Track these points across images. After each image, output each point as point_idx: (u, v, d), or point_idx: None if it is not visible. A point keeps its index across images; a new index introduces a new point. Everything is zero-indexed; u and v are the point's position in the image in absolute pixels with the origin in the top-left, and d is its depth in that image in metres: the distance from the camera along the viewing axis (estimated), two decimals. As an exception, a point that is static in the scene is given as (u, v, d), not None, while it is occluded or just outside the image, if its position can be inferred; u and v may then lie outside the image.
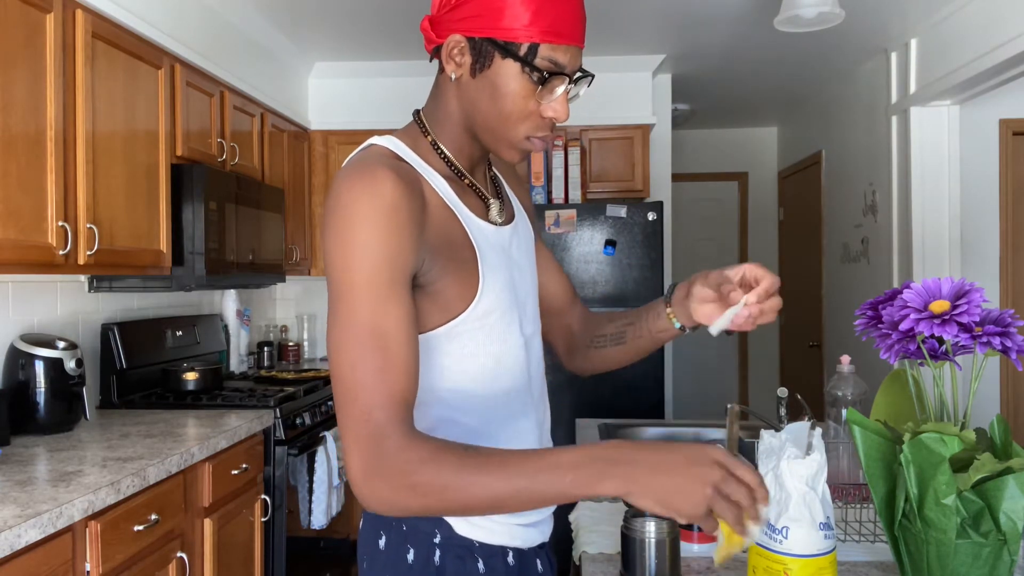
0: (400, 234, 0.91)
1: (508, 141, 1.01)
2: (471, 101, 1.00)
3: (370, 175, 0.92)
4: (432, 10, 1.00)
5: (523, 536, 1.11)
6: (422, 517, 1.04)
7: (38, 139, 2.05)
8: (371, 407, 0.87)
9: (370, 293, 0.90)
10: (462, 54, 0.98)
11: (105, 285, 2.79)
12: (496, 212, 1.09)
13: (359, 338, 0.89)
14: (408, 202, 0.93)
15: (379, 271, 0.90)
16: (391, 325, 0.90)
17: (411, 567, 1.04)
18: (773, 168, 5.97)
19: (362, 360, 0.88)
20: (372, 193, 0.90)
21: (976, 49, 3.09)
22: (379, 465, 0.86)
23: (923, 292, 1.06)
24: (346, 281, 0.90)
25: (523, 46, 0.95)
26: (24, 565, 1.51)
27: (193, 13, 2.94)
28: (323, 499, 2.98)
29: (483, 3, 0.94)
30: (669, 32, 3.73)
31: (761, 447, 1.04)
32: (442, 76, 1.03)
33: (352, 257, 0.90)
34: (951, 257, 3.66)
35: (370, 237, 0.90)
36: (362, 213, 0.90)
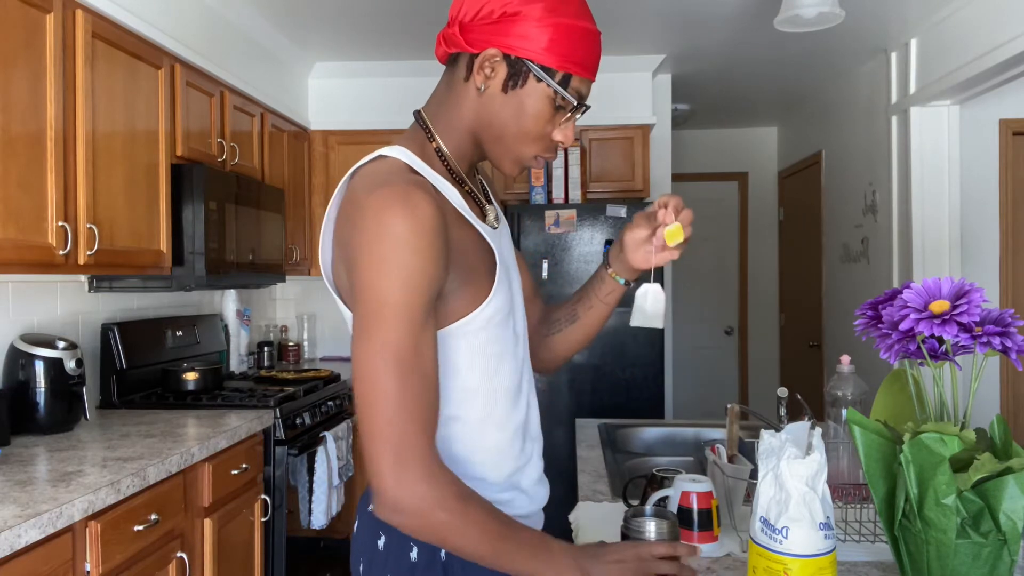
0: (436, 257, 0.93)
1: (516, 156, 1.05)
2: (492, 113, 1.03)
3: (405, 197, 0.92)
4: (462, 17, 1.01)
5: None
6: None
7: (38, 139, 2.05)
8: (404, 422, 0.91)
9: (408, 316, 0.92)
10: (495, 68, 1.00)
11: (105, 285, 2.79)
12: (494, 217, 1.13)
13: (395, 359, 0.91)
14: (440, 224, 0.94)
15: (418, 294, 0.92)
16: (426, 348, 0.94)
17: (414, 565, 1.04)
18: (773, 168, 5.97)
19: (401, 383, 0.91)
20: (410, 216, 0.91)
21: (976, 49, 3.09)
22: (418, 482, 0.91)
23: (923, 292, 1.06)
24: (384, 302, 0.91)
25: (558, 74, 1.00)
26: (24, 565, 1.51)
27: (193, 13, 2.94)
28: (323, 499, 2.98)
29: (529, 27, 0.97)
30: (669, 32, 3.73)
31: (761, 447, 1.04)
32: (460, 82, 1.04)
33: (391, 279, 0.91)
34: (951, 257, 3.66)
35: (409, 261, 0.91)
36: (402, 237, 0.91)
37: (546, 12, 0.98)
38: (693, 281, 5.95)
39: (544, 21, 0.98)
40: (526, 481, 1.14)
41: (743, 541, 1.32)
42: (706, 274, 6.01)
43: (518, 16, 0.98)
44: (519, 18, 0.98)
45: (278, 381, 3.24)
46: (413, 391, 0.92)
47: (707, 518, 1.31)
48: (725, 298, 6.04)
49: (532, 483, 1.16)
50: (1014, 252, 3.75)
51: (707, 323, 6.02)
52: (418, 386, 0.92)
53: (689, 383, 5.86)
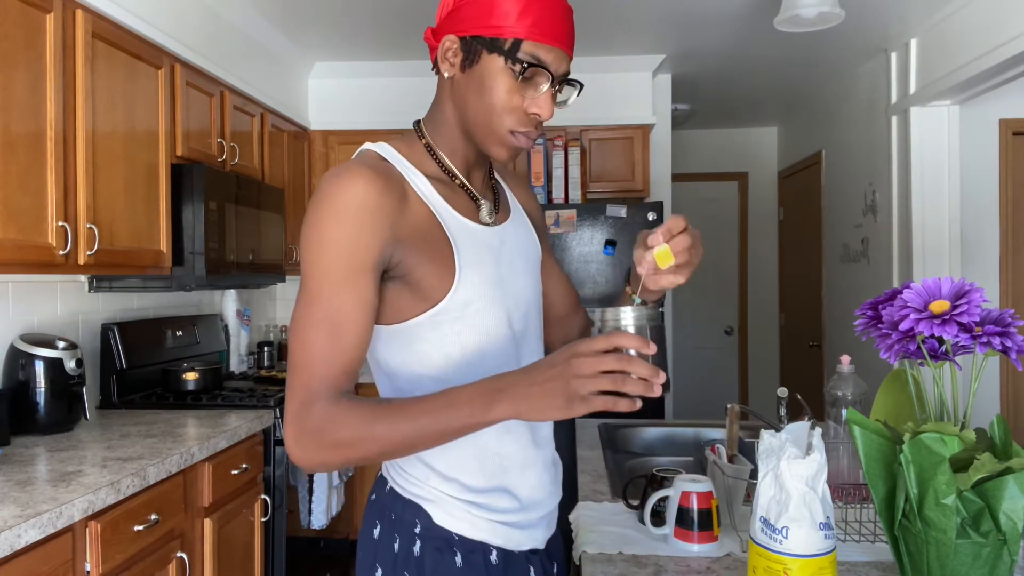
0: (363, 228, 0.98)
1: (495, 136, 1.06)
2: (462, 98, 1.07)
3: (346, 175, 1.00)
4: (435, 22, 1.08)
5: (506, 536, 1.11)
6: (405, 508, 1.10)
7: (38, 139, 2.05)
8: (310, 379, 0.96)
9: (330, 280, 0.98)
10: (455, 54, 1.05)
11: (105, 285, 2.79)
12: (486, 213, 1.13)
13: (314, 320, 0.98)
14: (378, 199, 1.00)
15: (340, 261, 0.97)
16: (345, 310, 0.98)
17: (396, 556, 1.08)
18: (773, 168, 5.97)
19: (314, 340, 0.97)
20: (343, 191, 0.98)
21: (976, 49, 3.09)
22: (306, 427, 0.95)
23: (923, 292, 1.06)
24: (312, 269, 0.99)
25: (508, 41, 1.01)
26: (24, 565, 1.51)
27: (193, 13, 2.94)
28: (323, 499, 2.98)
29: (475, 4, 1.02)
30: (669, 32, 3.73)
31: (761, 447, 1.04)
32: (440, 80, 1.10)
33: (319, 248, 0.98)
34: (951, 257, 3.66)
35: (336, 230, 0.98)
36: (332, 209, 0.98)
37: None
38: (693, 281, 5.95)
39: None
40: (521, 487, 1.13)
41: (743, 541, 1.32)
42: (706, 274, 6.01)
43: (466, 1, 1.02)
44: (466, 2, 1.02)
45: (278, 381, 3.24)
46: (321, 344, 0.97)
47: (707, 518, 1.31)
48: (725, 298, 6.04)
49: (530, 490, 1.14)
50: (1014, 252, 3.75)
51: (707, 323, 6.02)
52: (326, 341, 0.97)
53: (689, 383, 5.85)
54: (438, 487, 1.08)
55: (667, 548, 1.32)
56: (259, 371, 3.65)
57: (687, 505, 1.31)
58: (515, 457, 1.13)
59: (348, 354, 0.99)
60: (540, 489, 1.16)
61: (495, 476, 1.10)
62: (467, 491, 1.08)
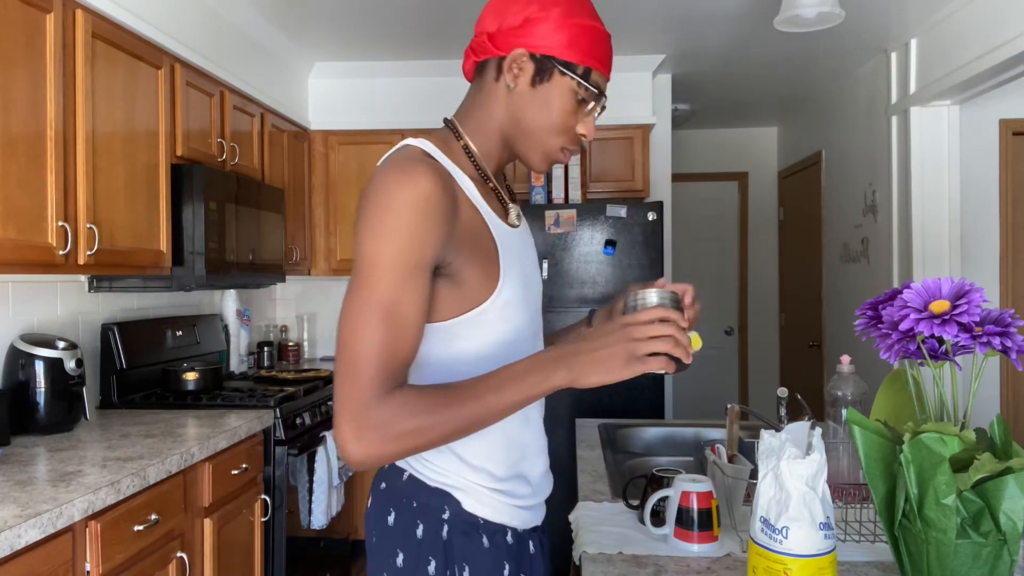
0: (428, 225, 1.00)
1: (544, 150, 1.14)
2: (522, 109, 1.12)
3: (409, 168, 1.01)
4: (489, 28, 1.12)
5: (521, 518, 1.19)
6: (431, 496, 1.13)
7: (38, 139, 2.05)
8: (372, 374, 0.97)
9: (392, 274, 0.98)
10: (523, 67, 1.10)
11: (105, 285, 2.79)
12: (515, 216, 1.19)
13: (373, 313, 0.98)
14: (440, 197, 1.01)
15: (403, 256, 0.99)
16: (405, 305, 0.99)
17: (420, 541, 1.12)
18: (773, 168, 5.97)
19: (372, 334, 0.98)
20: (408, 185, 0.99)
21: (976, 49, 3.09)
22: (369, 423, 0.96)
23: (923, 292, 1.06)
24: (372, 261, 0.99)
25: (580, 67, 1.10)
26: (24, 565, 1.51)
27: (193, 13, 2.94)
28: (323, 499, 2.98)
29: (550, 28, 1.08)
30: (669, 32, 3.73)
31: (761, 447, 1.04)
32: (491, 85, 1.13)
33: (382, 240, 0.99)
34: (951, 257, 3.66)
35: (401, 224, 0.98)
36: (397, 202, 0.99)
37: (564, 14, 1.08)
38: (693, 281, 5.92)
39: (563, 22, 1.08)
40: (534, 473, 1.21)
41: (743, 541, 1.32)
42: (706, 274, 6.01)
43: (539, 19, 1.08)
44: (540, 21, 1.08)
45: (278, 381, 3.24)
46: (385, 340, 0.98)
47: (707, 518, 1.31)
48: (725, 298, 6.04)
49: (539, 475, 1.22)
50: (1014, 252, 3.75)
51: (707, 323, 6.02)
52: (388, 335, 0.98)
53: (689, 383, 5.85)
54: (468, 476, 1.13)
55: (667, 548, 1.32)
56: (259, 371, 3.65)
57: (687, 505, 1.31)
58: (531, 446, 1.21)
59: (407, 351, 1.01)
60: (545, 474, 1.25)
61: (516, 464, 1.18)
62: (493, 479, 1.14)
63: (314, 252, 4.22)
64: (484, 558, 1.13)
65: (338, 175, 4.23)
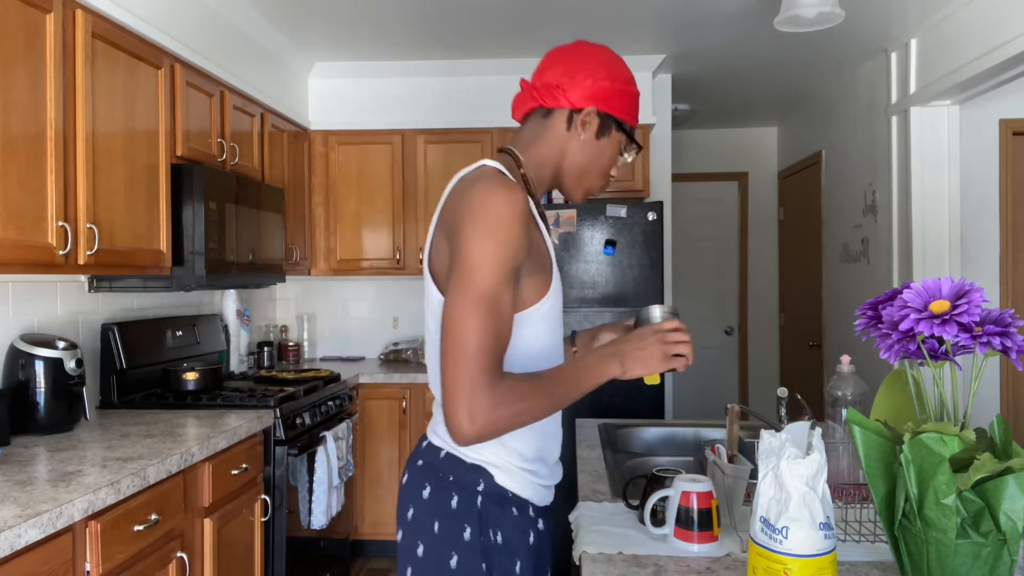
0: (521, 237, 1.20)
1: (587, 187, 1.41)
2: (582, 154, 1.36)
3: (506, 187, 1.20)
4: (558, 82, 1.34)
5: (540, 495, 1.37)
6: (467, 471, 1.30)
7: (38, 139, 2.05)
8: (485, 361, 1.14)
9: (497, 275, 1.17)
10: (591, 122, 1.34)
11: (105, 285, 2.79)
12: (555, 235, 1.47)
13: (480, 307, 1.15)
14: (527, 212, 1.21)
15: (507, 260, 1.18)
16: (505, 302, 1.18)
17: (455, 511, 1.29)
18: (773, 168, 5.97)
19: (483, 326, 1.15)
20: (511, 200, 1.18)
21: (976, 49, 3.09)
22: (484, 403, 1.13)
23: (923, 292, 1.06)
24: (479, 263, 1.16)
25: (627, 126, 1.38)
26: (24, 565, 1.51)
27: (193, 13, 2.94)
28: (323, 499, 2.98)
29: (615, 92, 1.34)
30: (669, 32, 3.73)
31: (761, 447, 1.04)
32: (560, 130, 1.36)
33: (488, 246, 1.16)
34: (951, 257, 3.65)
35: (502, 232, 1.17)
36: (501, 214, 1.17)
37: (623, 83, 1.35)
38: (693, 281, 5.95)
39: (623, 89, 1.35)
40: (552, 458, 1.40)
41: (743, 541, 1.32)
42: (706, 274, 6.01)
43: (606, 85, 1.33)
44: (606, 86, 1.33)
45: (278, 381, 3.24)
46: (489, 334, 1.15)
47: (707, 518, 1.31)
48: (725, 298, 6.04)
49: (555, 461, 1.41)
50: (1014, 252, 3.75)
51: (707, 323, 6.02)
52: (494, 330, 1.16)
53: (689, 383, 5.85)
54: (502, 455, 1.31)
55: (667, 548, 1.32)
56: (259, 371, 3.65)
57: (687, 505, 1.31)
58: (554, 434, 1.41)
59: (506, 339, 1.19)
60: (558, 461, 1.44)
61: (541, 448, 1.36)
62: (523, 459, 1.32)
63: (314, 252, 4.22)
64: (514, 525, 1.31)
65: (338, 175, 4.23)
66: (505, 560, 1.29)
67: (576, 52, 1.35)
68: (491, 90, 4.21)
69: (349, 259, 4.24)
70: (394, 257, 4.22)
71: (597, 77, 1.33)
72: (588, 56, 1.35)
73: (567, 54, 1.36)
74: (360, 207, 4.23)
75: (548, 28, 3.66)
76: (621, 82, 1.35)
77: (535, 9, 3.40)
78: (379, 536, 3.93)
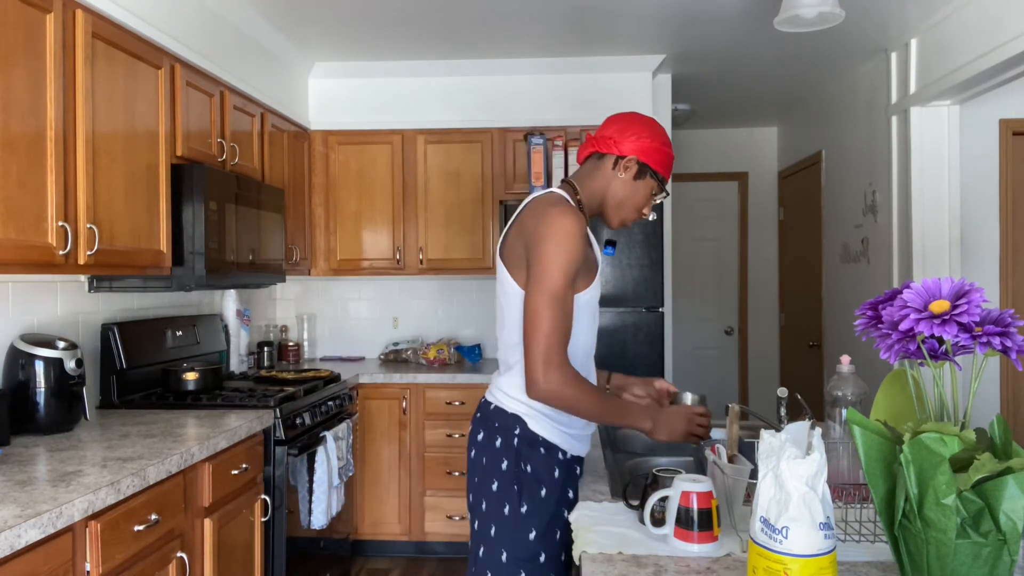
0: (581, 251, 1.62)
1: (623, 217, 1.80)
2: (620, 190, 1.76)
3: (575, 215, 1.63)
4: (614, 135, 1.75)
5: (569, 444, 1.72)
6: (508, 419, 1.71)
7: (38, 139, 2.05)
8: (556, 342, 1.58)
9: (566, 279, 1.59)
10: (631, 167, 1.74)
11: (105, 285, 2.79)
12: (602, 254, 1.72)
13: (554, 302, 1.58)
14: (585, 233, 1.65)
15: (570, 265, 1.60)
16: (568, 297, 1.61)
17: (497, 449, 1.71)
18: (773, 168, 5.97)
19: (556, 317, 1.58)
20: (577, 225, 1.61)
21: (976, 49, 3.09)
22: (552, 370, 1.57)
23: (923, 292, 1.06)
24: (553, 269, 1.58)
25: (659, 176, 1.77)
26: (24, 565, 1.51)
27: (193, 13, 2.94)
28: (323, 499, 2.98)
29: (653, 149, 1.74)
30: (669, 32, 3.73)
31: (761, 447, 1.04)
32: (608, 169, 1.76)
33: (563, 257, 1.59)
34: (951, 257, 3.65)
35: (570, 245, 1.60)
36: (568, 233, 1.60)
37: (661, 144, 1.75)
38: (693, 281, 5.95)
39: (660, 148, 1.75)
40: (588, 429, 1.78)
41: (743, 541, 1.32)
42: (706, 274, 6.01)
43: (647, 142, 1.74)
44: (648, 143, 1.74)
45: (278, 381, 3.24)
46: (560, 320, 1.58)
47: (707, 518, 1.31)
48: (725, 298, 6.04)
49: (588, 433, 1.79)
50: (1014, 252, 3.75)
51: (707, 323, 6.02)
52: (563, 318, 1.59)
53: (689, 383, 5.85)
54: (534, 405, 1.68)
55: (667, 548, 1.32)
56: (259, 371, 3.65)
57: (687, 505, 1.31)
58: None
59: (570, 325, 1.62)
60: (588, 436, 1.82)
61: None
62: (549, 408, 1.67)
63: (314, 252, 4.22)
64: (541, 461, 1.69)
65: (338, 175, 4.23)
66: (533, 486, 1.67)
67: (629, 117, 1.77)
68: (491, 90, 4.21)
69: (349, 259, 4.24)
70: (394, 257, 4.22)
71: (641, 136, 1.74)
72: (638, 121, 1.76)
73: (623, 118, 1.77)
74: (360, 207, 4.23)
75: (548, 28, 3.66)
76: (659, 143, 1.75)
77: (535, 9, 3.40)
78: (379, 536, 3.94)
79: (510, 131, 4.16)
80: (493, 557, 1.69)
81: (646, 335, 3.76)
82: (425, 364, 4.20)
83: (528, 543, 1.66)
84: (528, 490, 1.67)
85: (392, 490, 3.91)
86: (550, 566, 1.69)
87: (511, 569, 1.67)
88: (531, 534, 1.66)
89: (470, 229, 4.18)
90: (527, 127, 4.14)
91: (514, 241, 1.70)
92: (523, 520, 1.67)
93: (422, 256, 4.20)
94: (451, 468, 3.89)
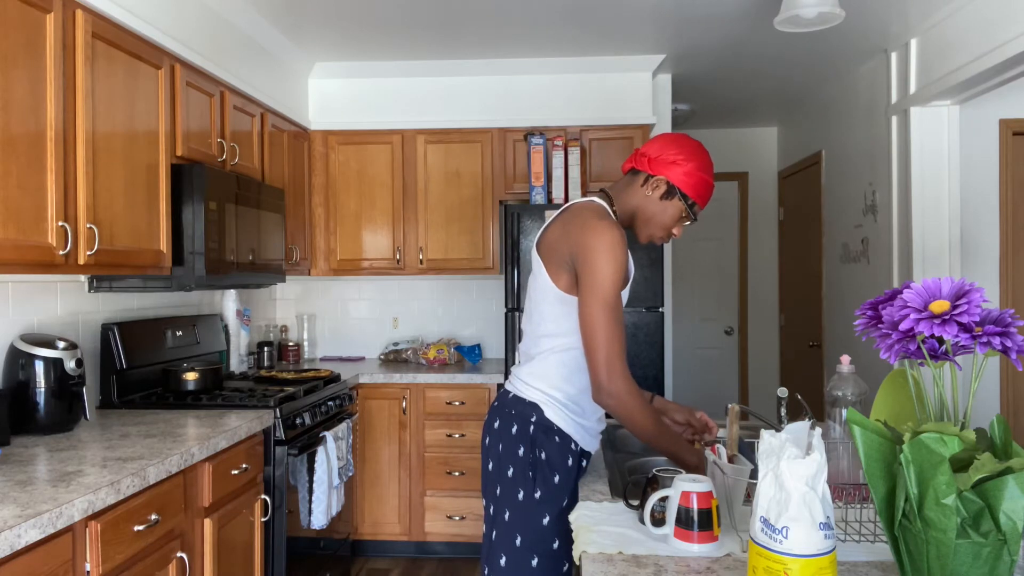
0: (626, 260, 1.71)
1: (650, 234, 1.85)
2: (649, 208, 1.81)
3: (619, 227, 1.72)
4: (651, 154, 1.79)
5: (580, 435, 1.77)
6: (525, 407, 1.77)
7: (38, 139, 2.05)
8: (618, 348, 1.65)
9: (616, 288, 1.67)
10: (659, 187, 1.79)
11: (105, 285, 2.79)
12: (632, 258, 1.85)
13: (608, 310, 1.65)
14: (627, 243, 1.73)
15: (619, 275, 1.68)
16: (619, 308, 1.68)
17: (513, 436, 1.76)
18: (773, 168, 5.97)
19: (609, 321, 1.65)
20: (620, 236, 1.69)
21: (976, 49, 3.09)
22: (616, 376, 1.63)
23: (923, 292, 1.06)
24: (606, 280, 1.66)
25: (690, 199, 1.79)
26: (24, 565, 1.51)
27: (193, 13, 2.94)
28: (323, 499, 2.98)
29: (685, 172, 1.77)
30: (669, 32, 3.73)
31: (761, 447, 1.04)
32: (640, 186, 1.81)
33: (611, 267, 1.66)
34: (951, 257, 3.65)
35: (619, 256, 1.68)
36: (616, 245, 1.68)
37: (695, 168, 1.77)
38: (693, 281, 5.95)
39: (693, 172, 1.77)
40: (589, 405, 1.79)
41: (743, 541, 1.32)
42: (706, 274, 6.01)
43: (680, 165, 1.77)
44: (680, 166, 1.77)
45: (278, 381, 3.24)
46: (616, 327, 1.65)
47: (707, 518, 1.31)
48: (725, 298, 6.04)
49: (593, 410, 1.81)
50: (1014, 252, 3.75)
51: (707, 323, 6.02)
52: (618, 326, 1.66)
53: (689, 383, 5.85)
54: (551, 393, 1.76)
55: (667, 548, 1.32)
56: (259, 371, 3.65)
57: (687, 505, 1.31)
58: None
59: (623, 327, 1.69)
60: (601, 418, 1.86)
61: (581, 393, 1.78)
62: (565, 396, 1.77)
63: (314, 252, 4.22)
64: (556, 449, 1.74)
65: (338, 175, 4.23)
66: (547, 472, 1.73)
67: (672, 138, 1.80)
68: (491, 90, 4.21)
69: (349, 259, 4.24)
70: (394, 257, 4.22)
71: (677, 159, 1.77)
72: (677, 143, 1.79)
73: (665, 138, 1.81)
74: (360, 207, 4.23)
75: (548, 28, 3.66)
76: (694, 167, 1.77)
77: (535, 9, 3.40)
78: (379, 536, 3.94)
79: (510, 131, 4.16)
80: (507, 541, 1.74)
81: (646, 335, 3.76)
82: (425, 364, 4.20)
83: (542, 528, 1.71)
84: (542, 476, 1.72)
85: (392, 490, 3.91)
86: (563, 552, 1.72)
87: (525, 554, 1.72)
88: (545, 519, 1.72)
89: (470, 229, 4.19)
90: (527, 127, 4.14)
91: (557, 242, 1.75)
92: (537, 505, 1.72)
93: (422, 256, 4.20)
94: (451, 468, 3.89)
